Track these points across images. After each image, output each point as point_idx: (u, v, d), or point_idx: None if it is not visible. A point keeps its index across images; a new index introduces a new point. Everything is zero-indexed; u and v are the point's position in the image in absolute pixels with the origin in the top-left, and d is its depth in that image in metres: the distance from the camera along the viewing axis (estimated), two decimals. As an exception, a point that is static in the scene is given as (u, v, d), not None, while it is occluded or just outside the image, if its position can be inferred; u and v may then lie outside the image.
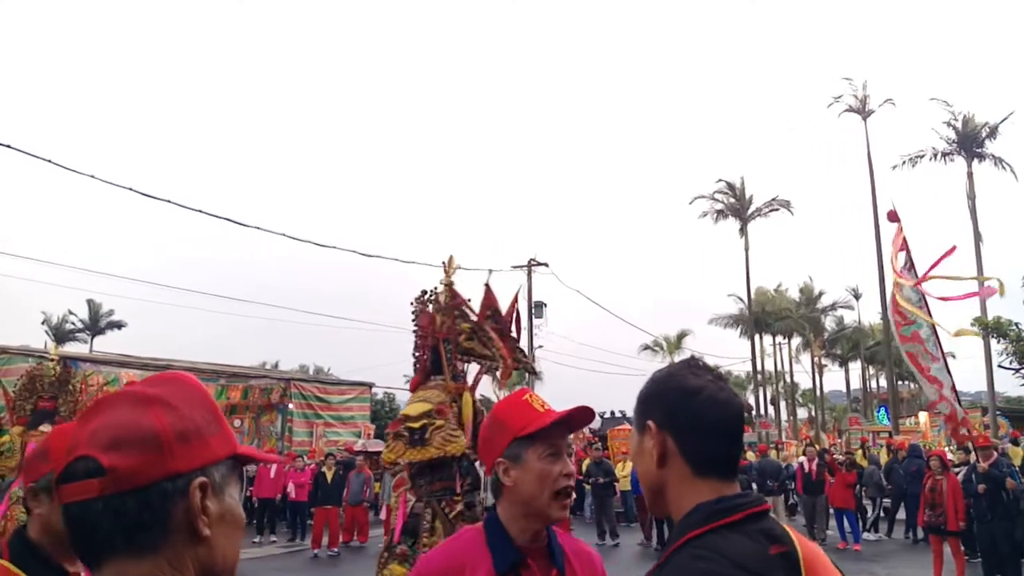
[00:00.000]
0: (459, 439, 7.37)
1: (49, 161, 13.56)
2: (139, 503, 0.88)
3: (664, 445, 1.35)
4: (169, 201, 16.02)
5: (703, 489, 1.31)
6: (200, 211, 17.06)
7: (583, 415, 1.84)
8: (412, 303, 7.93)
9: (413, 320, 7.96)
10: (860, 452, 19.35)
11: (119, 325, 51.33)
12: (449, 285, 7.96)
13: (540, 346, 31.00)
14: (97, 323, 50.70)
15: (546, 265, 29.96)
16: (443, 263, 8.13)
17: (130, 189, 15.33)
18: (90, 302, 49.39)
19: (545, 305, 30.55)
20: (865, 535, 15.36)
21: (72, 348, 43.66)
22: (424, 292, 7.92)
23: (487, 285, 8.13)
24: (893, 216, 10.55)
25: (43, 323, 49.79)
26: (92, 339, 50.16)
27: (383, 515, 15.94)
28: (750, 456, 22.71)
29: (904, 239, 10.28)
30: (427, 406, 7.38)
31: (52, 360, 8.38)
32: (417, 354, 8.00)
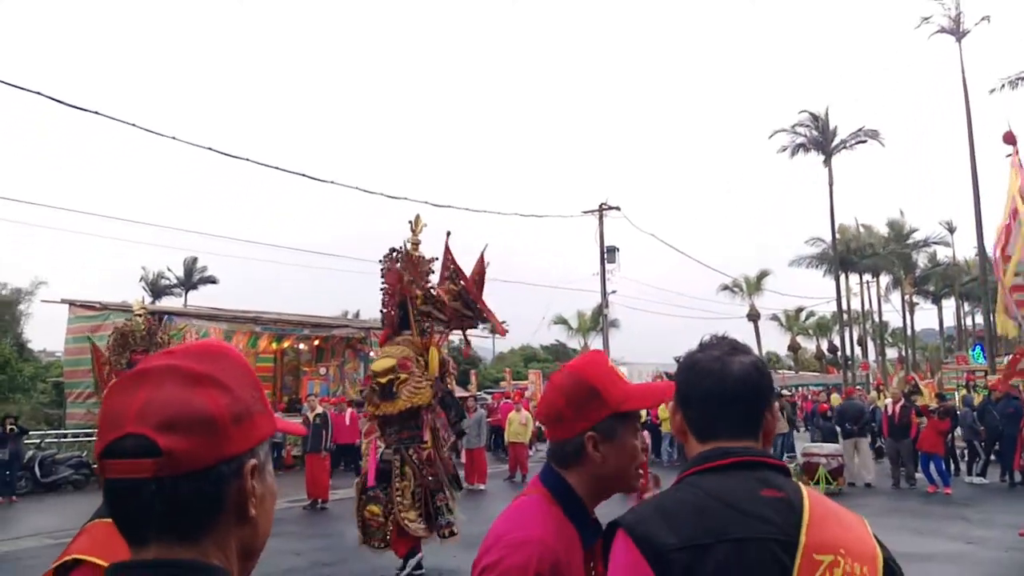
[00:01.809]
0: (424, 390, 7.75)
1: (133, 125, 14.10)
2: (193, 487, 0.86)
3: (680, 422, 1.49)
4: (247, 159, 16.47)
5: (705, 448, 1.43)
6: (277, 168, 17.56)
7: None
8: (381, 260, 8.18)
9: (381, 277, 8.27)
10: (962, 392, 18.62)
11: (211, 280, 53.53)
12: (416, 243, 8.19)
13: (613, 291, 30.77)
14: (191, 278, 52.97)
15: (618, 209, 29.57)
16: (410, 222, 8.31)
17: (210, 149, 15.87)
18: (185, 260, 51.65)
19: (617, 250, 30.11)
20: (971, 479, 14.88)
21: (167, 303, 45.96)
22: (392, 250, 8.17)
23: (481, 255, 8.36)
24: (1010, 138, 9.99)
25: (141, 280, 52.46)
26: (186, 294, 52.54)
27: (463, 458, 16.39)
28: (835, 399, 22.21)
29: (1021, 162, 9.75)
30: (391, 361, 7.74)
31: (139, 315, 8.84)
32: (384, 310, 8.27)
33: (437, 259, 8.26)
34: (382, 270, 8.23)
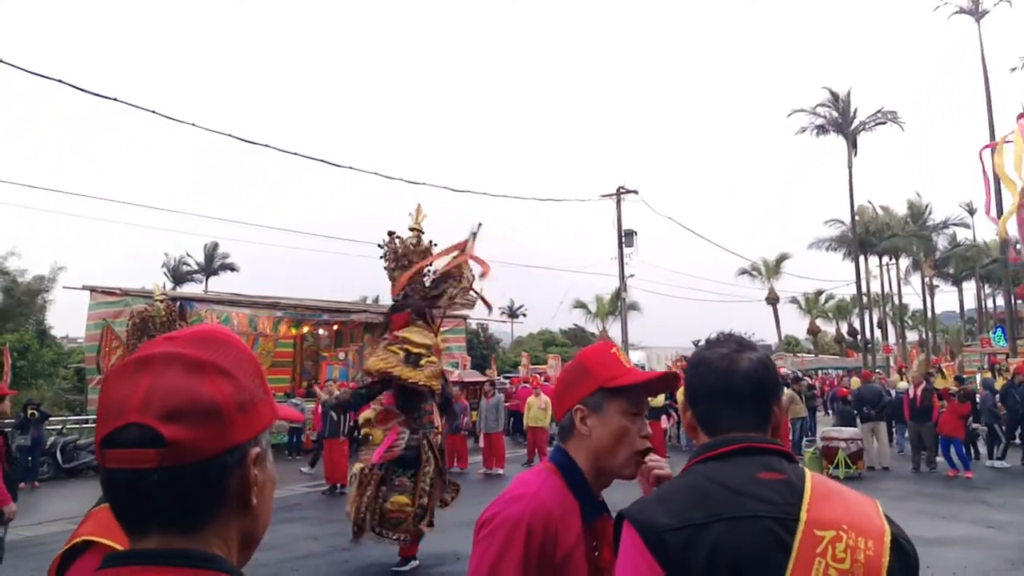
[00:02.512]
0: (440, 379, 7.88)
1: (153, 112, 14.09)
2: (198, 477, 0.85)
3: (690, 418, 1.52)
4: (267, 145, 16.46)
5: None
6: (297, 154, 17.53)
7: (666, 382, 1.84)
8: (380, 244, 8.27)
9: (384, 261, 8.39)
10: (988, 374, 18.43)
11: (231, 267, 53.91)
12: (418, 231, 8.27)
13: (631, 275, 30.67)
14: (211, 264, 53.37)
15: (635, 192, 29.44)
16: (410, 213, 8.36)
17: (229, 135, 15.88)
18: (206, 246, 52.06)
19: (635, 233, 30.01)
20: (992, 463, 14.73)
21: (188, 289, 46.36)
22: (391, 233, 8.27)
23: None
24: None
25: (163, 266, 52.96)
26: (207, 280, 52.99)
27: (481, 443, 16.47)
28: (854, 383, 22.07)
29: None
30: (431, 340, 7.86)
31: (159, 300, 8.90)
32: (400, 296, 8.34)
33: (436, 244, 8.34)
34: (383, 256, 8.37)
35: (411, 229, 8.27)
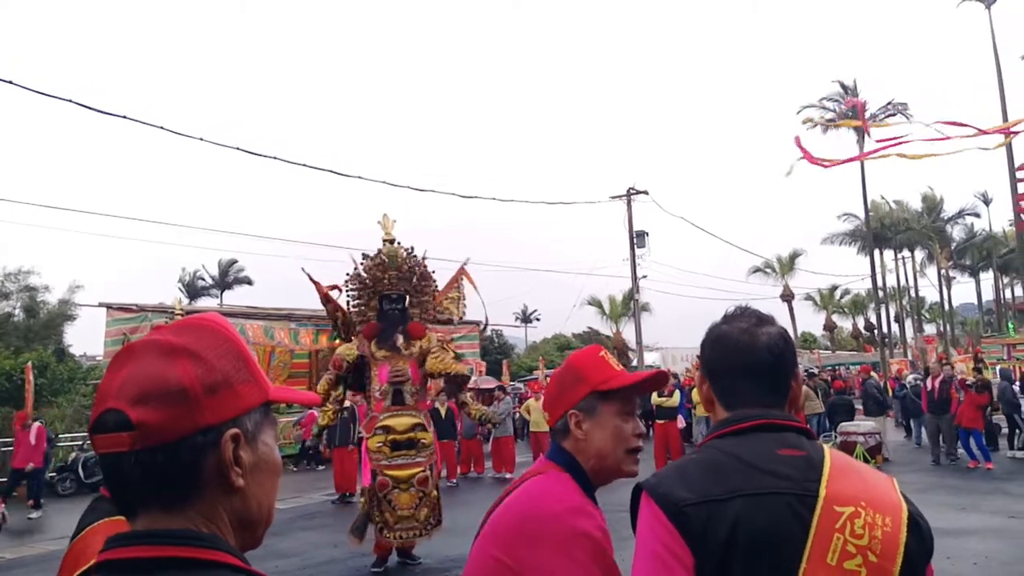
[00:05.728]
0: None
1: (161, 127, 14.19)
2: (169, 458, 0.87)
3: (707, 391, 1.52)
4: (275, 158, 16.52)
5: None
6: (304, 165, 17.59)
7: (656, 381, 1.88)
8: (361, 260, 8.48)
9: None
10: (1003, 364, 18.30)
11: (247, 281, 54.14)
12: (391, 241, 8.39)
13: (644, 276, 30.54)
14: (226, 279, 53.62)
15: (646, 193, 29.29)
16: (379, 222, 8.47)
17: (238, 148, 15.96)
18: (220, 260, 52.32)
19: (647, 234, 29.86)
20: (1012, 454, 14.62)
21: (203, 303, 46.64)
22: (365, 255, 8.50)
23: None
24: None
25: (179, 280, 53.26)
26: (221, 294, 53.21)
27: (490, 447, 16.46)
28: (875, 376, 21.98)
29: None
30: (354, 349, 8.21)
31: (178, 314, 9.04)
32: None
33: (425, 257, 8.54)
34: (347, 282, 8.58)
35: (385, 241, 8.40)
